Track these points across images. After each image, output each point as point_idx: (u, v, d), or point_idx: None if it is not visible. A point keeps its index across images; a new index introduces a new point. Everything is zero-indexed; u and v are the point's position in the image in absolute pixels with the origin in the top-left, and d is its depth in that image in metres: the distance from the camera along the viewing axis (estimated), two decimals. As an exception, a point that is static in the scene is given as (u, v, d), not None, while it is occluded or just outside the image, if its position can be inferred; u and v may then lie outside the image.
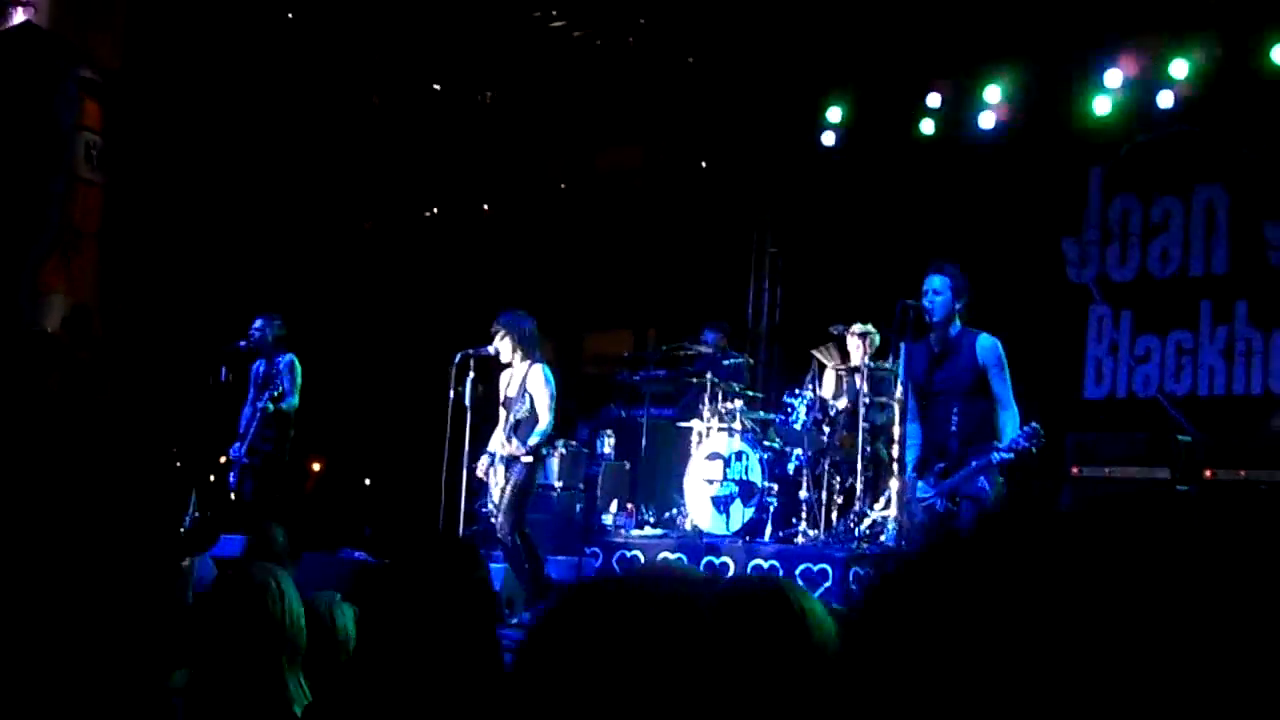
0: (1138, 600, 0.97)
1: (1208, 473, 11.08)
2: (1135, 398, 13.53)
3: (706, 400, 12.90)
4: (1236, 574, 0.99)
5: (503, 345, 11.22)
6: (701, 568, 11.52)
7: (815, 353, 12.57)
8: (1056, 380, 13.53)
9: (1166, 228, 13.59)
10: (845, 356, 12.41)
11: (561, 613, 1.92)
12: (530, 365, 11.22)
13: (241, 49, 15.71)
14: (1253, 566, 1.00)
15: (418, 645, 3.30)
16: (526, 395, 11.14)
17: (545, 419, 11.09)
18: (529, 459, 11.14)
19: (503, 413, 11.35)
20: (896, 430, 9.81)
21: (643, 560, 12.06)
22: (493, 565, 10.49)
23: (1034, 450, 8.77)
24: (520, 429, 11.09)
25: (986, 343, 9.26)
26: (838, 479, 11.90)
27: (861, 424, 11.25)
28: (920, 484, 9.33)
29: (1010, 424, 9.10)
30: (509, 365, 11.34)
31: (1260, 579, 0.99)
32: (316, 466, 17.51)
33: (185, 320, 15.32)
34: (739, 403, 13.03)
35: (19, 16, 14.51)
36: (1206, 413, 12.93)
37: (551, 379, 11.19)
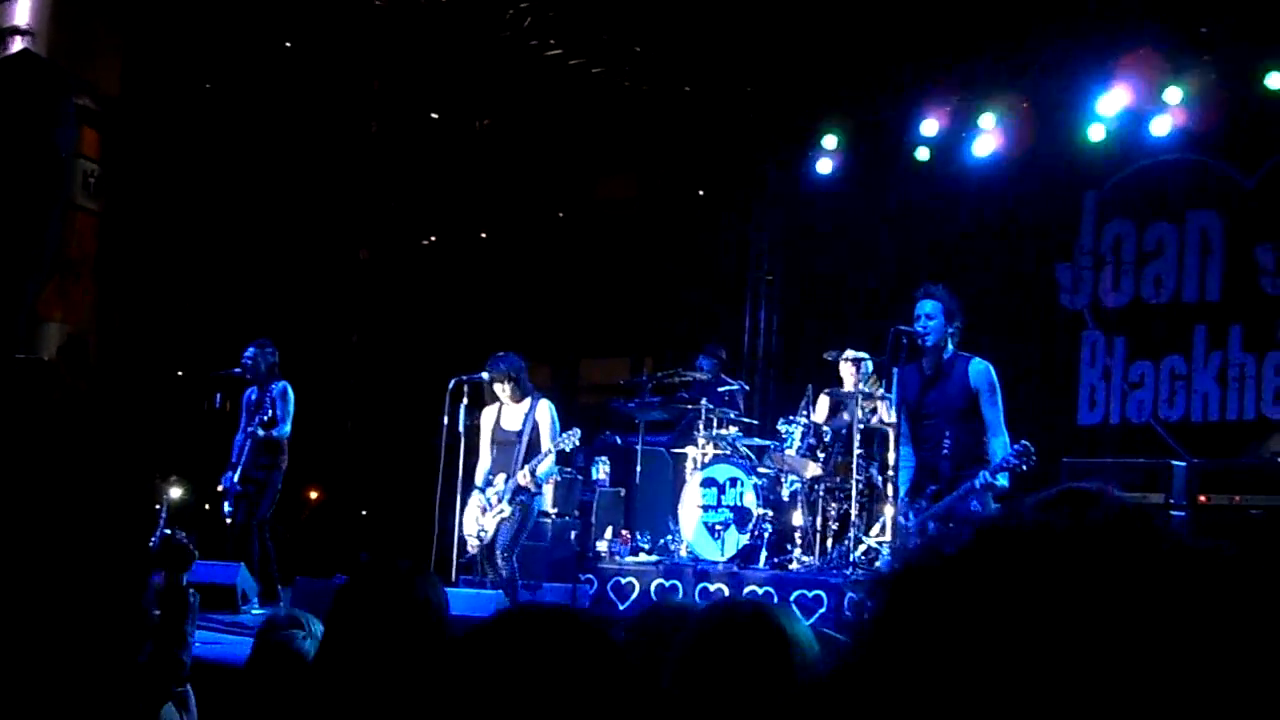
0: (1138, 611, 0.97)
1: (1202, 498, 11.07)
2: (1129, 424, 13.54)
3: (701, 427, 12.89)
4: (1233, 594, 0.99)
5: (503, 389, 11.29)
6: (696, 595, 11.51)
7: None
8: (1050, 406, 13.53)
9: (1160, 253, 13.61)
10: (839, 383, 12.42)
11: (468, 644, 1.89)
12: (537, 400, 11.32)
13: (239, 77, 15.76)
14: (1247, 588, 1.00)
15: (360, 663, 3.36)
16: (533, 429, 11.23)
17: (552, 453, 11.21)
18: (537, 491, 11.33)
19: (491, 447, 11.42)
20: (891, 456, 9.80)
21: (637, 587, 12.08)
22: (483, 593, 10.56)
23: (1024, 468, 8.73)
24: (529, 461, 11.18)
25: (979, 367, 9.24)
26: (833, 505, 11.88)
27: (856, 450, 11.22)
28: (911, 509, 9.32)
29: (1000, 450, 9.08)
30: (501, 402, 11.40)
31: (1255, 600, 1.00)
32: (314, 495, 17.49)
33: (181, 348, 15.33)
34: (734, 429, 13.03)
35: (18, 45, 14.56)
36: (1200, 438, 12.93)
37: (556, 415, 11.33)
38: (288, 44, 15.48)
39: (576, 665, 1.79)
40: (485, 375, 11.35)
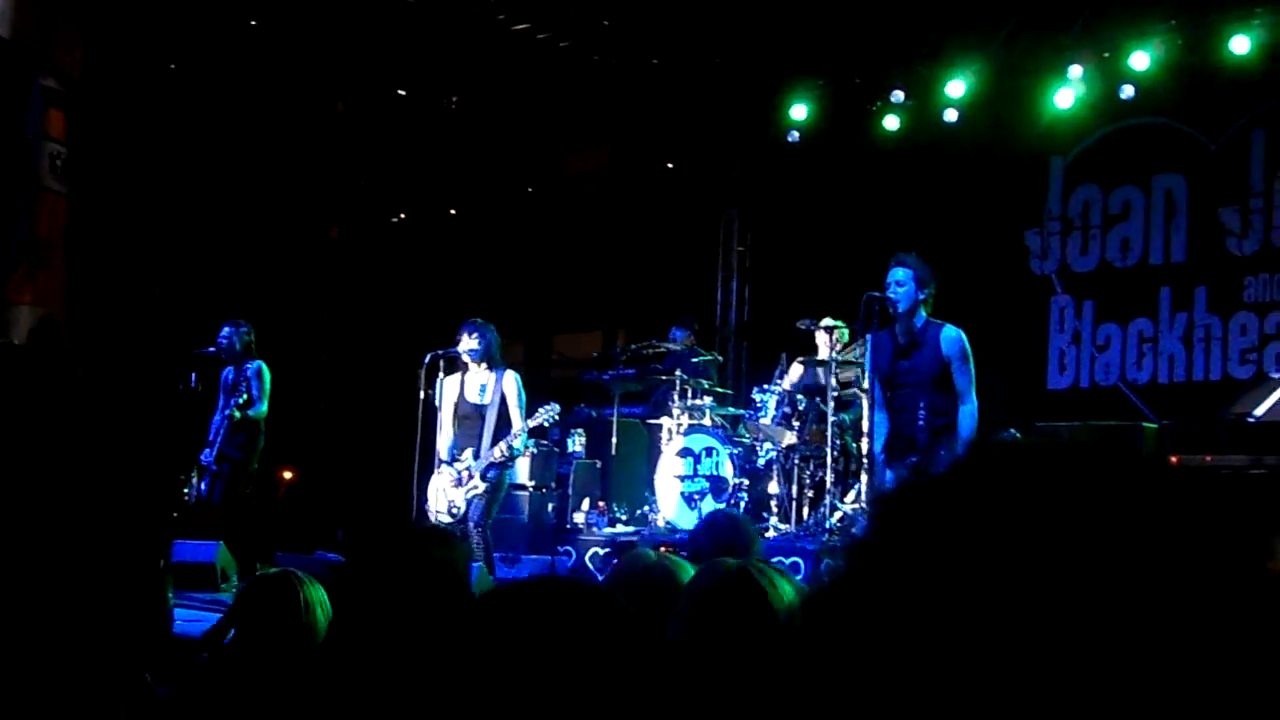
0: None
1: (1173, 459, 11.16)
2: (1098, 387, 13.65)
3: (676, 397, 12.94)
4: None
5: (474, 350, 11.21)
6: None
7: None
8: (1021, 372, 13.64)
9: (1126, 217, 13.72)
10: (814, 351, 12.47)
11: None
12: (503, 371, 11.24)
13: (206, 57, 15.69)
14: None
15: (387, 633, 3.33)
16: (501, 401, 11.18)
17: (521, 423, 11.16)
18: (508, 465, 11.33)
19: (453, 419, 11.33)
20: (865, 424, 9.86)
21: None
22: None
23: None
24: (498, 434, 11.14)
25: (951, 334, 9.31)
26: (808, 473, 11.94)
27: (830, 418, 11.27)
28: (889, 472, 9.38)
29: (968, 419, 9.15)
30: (464, 371, 11.33)
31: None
32: (288, 475, 17.47)
33: (154, 329, 15.29)
34: (708, 399, 13.09)
35: (-19, 28, 14.46)
36: (1168, 400, 13.05)
37: (521, 385, 11.30)
38: (253, 22, 15.42)
39: (604, 636, 1.80)
40: (459, 337, 11.25)
